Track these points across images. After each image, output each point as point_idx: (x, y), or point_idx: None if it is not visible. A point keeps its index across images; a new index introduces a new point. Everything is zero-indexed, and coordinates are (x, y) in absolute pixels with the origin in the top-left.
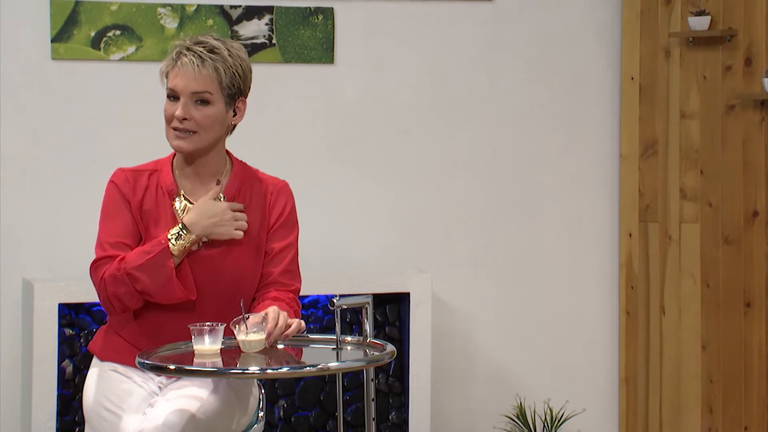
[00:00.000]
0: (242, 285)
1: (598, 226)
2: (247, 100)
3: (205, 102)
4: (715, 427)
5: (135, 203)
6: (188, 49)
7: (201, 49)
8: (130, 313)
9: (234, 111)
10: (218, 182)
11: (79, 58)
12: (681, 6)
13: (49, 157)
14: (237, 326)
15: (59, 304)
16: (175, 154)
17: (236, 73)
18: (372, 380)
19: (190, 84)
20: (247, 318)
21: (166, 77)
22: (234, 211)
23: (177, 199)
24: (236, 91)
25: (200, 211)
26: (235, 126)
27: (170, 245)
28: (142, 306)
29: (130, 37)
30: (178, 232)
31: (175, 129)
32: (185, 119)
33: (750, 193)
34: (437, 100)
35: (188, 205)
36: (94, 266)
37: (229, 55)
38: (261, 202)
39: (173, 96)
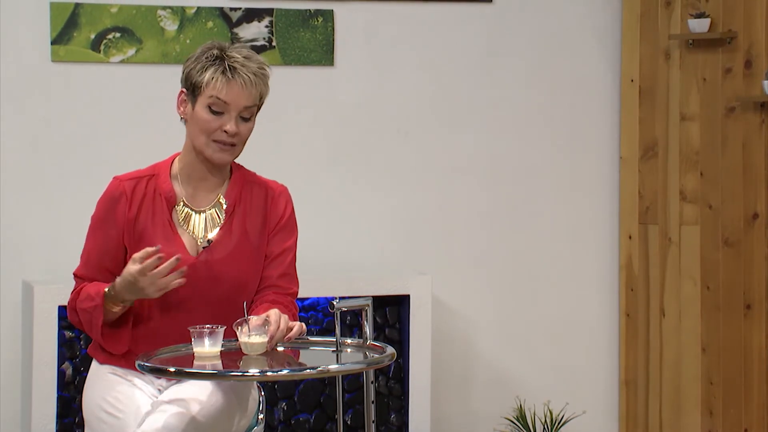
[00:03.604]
0: (243, 289)
1: (598, 229)
2: None
3: (248, 117)
4: (715, 429)
5: (130, 216)
6: (242, 65)
7: (254, 65)
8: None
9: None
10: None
11: (79, 61)
12: (681, 8)
13: (49, 159)
14: (239, 328)
15: (59, 307)
16: (173, 160)
17: (267, 92)
18: (372, 382)
19: (245, 100)
20: (249, 320)
21: (210, 86)
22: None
23: (177, 207)
24: (261, 105)
25: (124, 286)
26: None
27: (107, 298)
28: (141, 310)
29: (130, 39)
30: (109, 291)
31: (217, 141)
32: (236, 134)
33: (750, 196)
34: (437, 102)
35: (190, 212)
36: (73, 279)
37: (268, 73)
38: (261, 206)
39: (218, 108)
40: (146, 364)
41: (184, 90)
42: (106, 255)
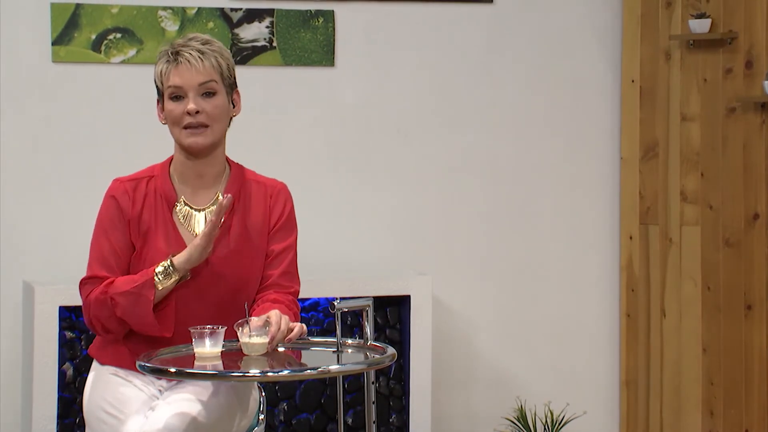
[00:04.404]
0: (244, 288)
1: (599, 229)
2: (247, 102)
3: (211, 93)
4: (716, 430)
5: (134, 215)
6: (183, 46)
7: (196, 44)
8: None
9: (232, 103)
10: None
11: (79, 61)
12: (681, 9)
13: (50, 159)
14: (240, 328)
15: (60, 307)
16: (171, 160)
17: (230, 65)
18: (372, 383)
19: (196, 77)
20: (250, 321)
21: (164, 79)
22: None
23: (177, 206)
24: (232, 82)
25: (191, 255)
26: (231, 120)
27: (156, 280)
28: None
29: (131, 40)
30: (165, 270)
31: (186, 127)
32: (198, 112)
33: (750, 196)
34: (437, 102)
35: (190, 210)
36: (83, 284)
37: (221, 47)
38: (260, 204)
39: (177, 95)
40: (147, 364)
41: (158, 98)
42: (120, 251)
